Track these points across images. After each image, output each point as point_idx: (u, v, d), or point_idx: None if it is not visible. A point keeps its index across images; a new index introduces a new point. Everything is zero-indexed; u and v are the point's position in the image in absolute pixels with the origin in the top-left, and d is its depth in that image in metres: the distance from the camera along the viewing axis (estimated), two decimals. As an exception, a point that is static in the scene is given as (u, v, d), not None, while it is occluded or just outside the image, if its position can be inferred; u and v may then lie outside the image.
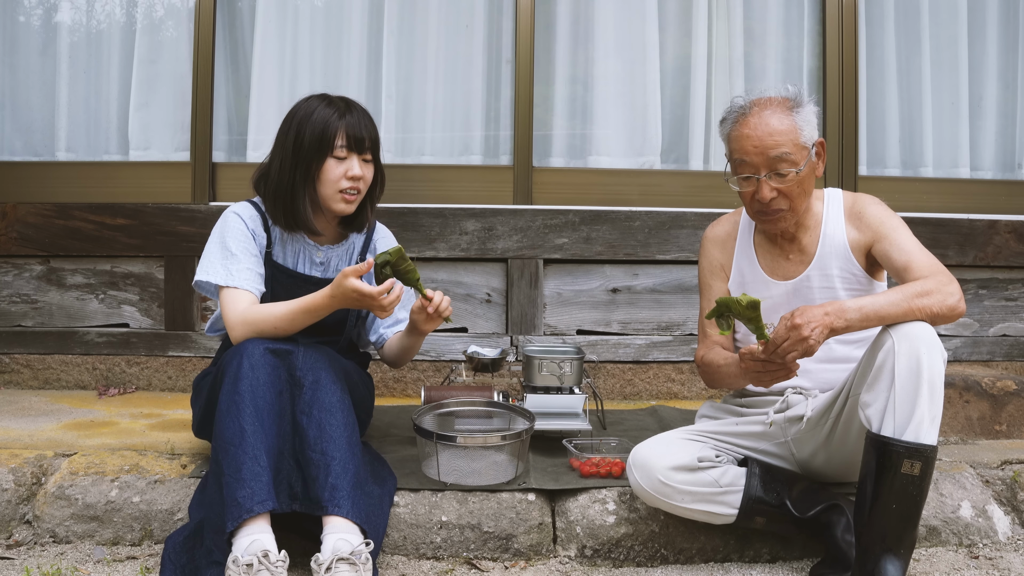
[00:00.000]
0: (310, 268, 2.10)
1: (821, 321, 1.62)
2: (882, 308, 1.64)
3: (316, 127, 1.95)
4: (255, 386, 1.75)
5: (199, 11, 3.02)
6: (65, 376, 3.00)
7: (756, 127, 1.80)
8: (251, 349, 1.79)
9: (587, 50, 3.20)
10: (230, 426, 1.70)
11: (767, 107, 1.81)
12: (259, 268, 1.99)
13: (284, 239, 2.07)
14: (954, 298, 1.66)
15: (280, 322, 1.88)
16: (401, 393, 3.01)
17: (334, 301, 1.84)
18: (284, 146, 1.99)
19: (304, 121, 1.96)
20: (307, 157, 1.96)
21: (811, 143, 1.82)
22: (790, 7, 3.22)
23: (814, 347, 1.63)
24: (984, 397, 2.58)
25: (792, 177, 1.80)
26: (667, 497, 1.79)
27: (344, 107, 2.00)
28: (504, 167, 3.12)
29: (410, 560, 1.88)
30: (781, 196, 1.82)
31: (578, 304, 3.06)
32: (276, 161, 2.00)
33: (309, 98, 2.03)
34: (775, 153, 1.78)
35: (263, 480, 1.66)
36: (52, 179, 3.08)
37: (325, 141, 1.95)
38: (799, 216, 1.89)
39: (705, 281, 2.07)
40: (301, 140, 1.96)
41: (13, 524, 1.99)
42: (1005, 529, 2.03)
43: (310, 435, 1.74)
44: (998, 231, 3.11)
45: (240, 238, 1.99)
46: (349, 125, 1.97)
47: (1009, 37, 3.30)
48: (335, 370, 1.87)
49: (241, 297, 1.92)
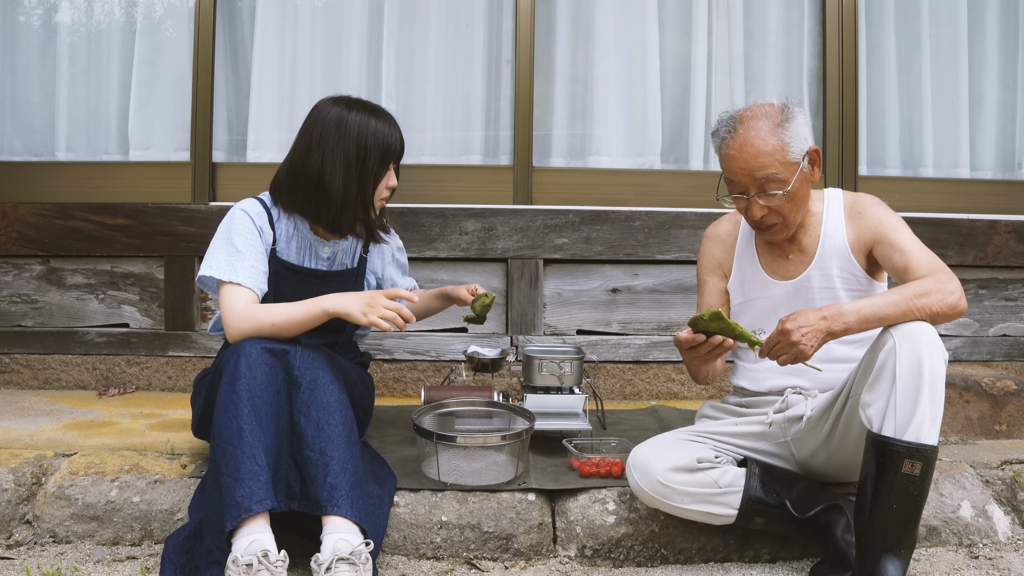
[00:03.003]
0: (316, 262, 2.11)
1: (816, 326, 1.63)
2: (880, 309, 1.65)
3: (380, 142, 2.00)
4: (252, 385, 1.75)
5: (199, 11, 3.02)
6: (65, 376, 3.00)
7: (742, 148, 1.79)
8: (248, 348, 1.80)
9: (587, 50, 3.20)
10: (228, 426, 1.71)
11: (752, 125, 1.79)
12: (263, 266, 1.99)
13: (290, 236, 2.08)
14: (954, 296, 1.66)
15: (279, 320, 1.88)
16: (401, 393, 3.01)
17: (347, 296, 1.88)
18: (339, 153, 1.98)
19: (363, 132, 1.99)
20: (372, 170, 2.00)
21: (801, 155, 1.81)
22: (790, 7, 3.22)
23: (805, 352, 1.64)
24: (984, 397, 2.58)
25: (780, 196, 1.81)
26: (666, 498, 1.79)
27: (392, 120, 2.06)
28: (504, 167, 3.12)
29: (410, 560, 1.88)
30: (772, 212, 1.84)
31: (578, 304, 3.06)
32: (327, 168, 1.97)
33: (349, 105, 2.02)
34: (761, 175, 1.79)
35: (261, 479, 1.66)
36: (52, 179, 3.08)
37: (388, 156, 2.03)
38: (795, 226, 1.89)
39: (701, 277, 2.10)
40: (365, 152, 1.98)
41: (13, 524, 1.99)
42: (1005, 529, 2.03)
43: (308, 435, 1.74)
44: (998, 231, 3.11)
45: (247, 235, 1.99)
46: (399, 140, 2.06)
47: (1009, 37, 3.30)
48: (333, 370, 1.87)
49: (241, 294, 1.92)
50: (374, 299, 1.86)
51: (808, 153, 1.83)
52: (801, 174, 1.82)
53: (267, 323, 1.87)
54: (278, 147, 3.12)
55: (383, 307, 1.84)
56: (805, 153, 1.82)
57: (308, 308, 1.87)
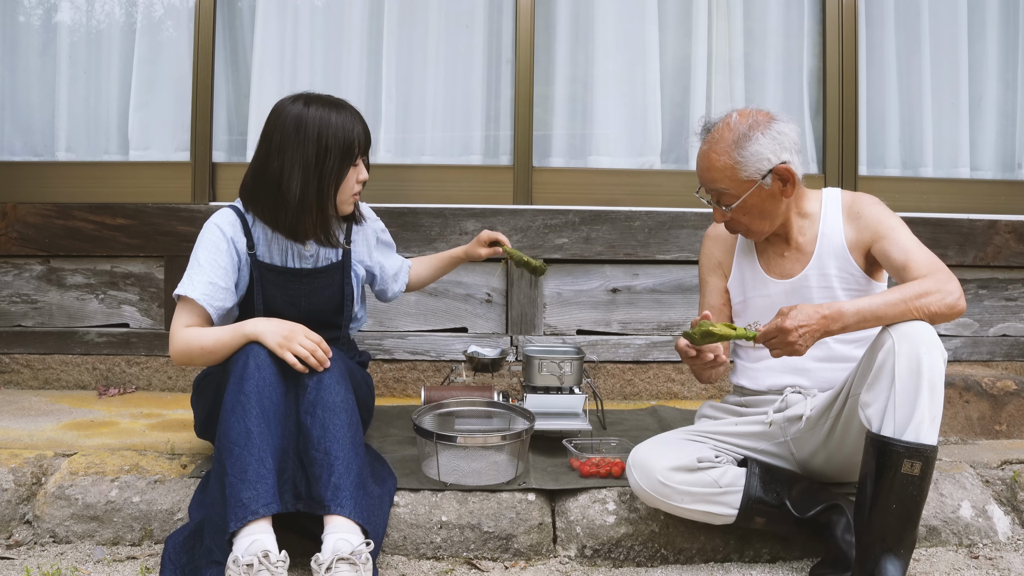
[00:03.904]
0: (299, 262, 2.07)
1: (814, 324, 1.63)
2: (879, 309, 1.65)
3: (339, 138, 1.93)
4: (261, 387, 1.75)
5: (199, 11, 3.02)
6: (65, 376, 3.00)
7: (701, 159, 1.89)
8: (257, 350, 1.80)
9: (587, 50, 3.20)
10: (235, 427, 1.70)
11: (713, 139, 1.86)
12: (225, 281, 1.94)
13: (269, 239, 2.03)
14: (953, 296, 1.66)
15: (208, 344, 1.86)
16: (401, 393, 3.01)
17: (270, 324, 1.84)
18: (297, 157, 1.92)
19: (324, 131, 1.92)
20: (333, 170, 1.94)
21: (759, 174, 1.83)
22: (790, 7, 3.22)
23: (800, 350, 1.64)
24: (984, 397, 2.58)
25: (736, 207, 1.86)
26: (667, 498, 1.79)
27: (354, 113, 1.99)
28: (504, 167, 3.12)
29: (410, 560, 1.88)
30: (733, 220, 1.90)
31: (578, 304, 3.06)
32: (286, 174, 1.92)
33: (308, 102, 1.95)
34: (713, 187, 1.89)
35: (268, 482, 1.67)
36: (52, 179, 3.08)
37: (349, 152, 1.95)
38: (764, 233, 1.92)
39: (703, 277, 2.14)
40: (325, 152, 1.92)
41: (13, 524, 1.99)
42: (1005, 529, 2.03)
43: (314, 435, 1.75)
44: (998, 231, 3.11)
45: (210, 249, 1.95)
46: (363, 132, 1.99)
47: (1009, 37, 3.30)
48: (339, 370, 1.87)
49: (186, 315, 1.90)
50: (293, 332, 1.82)
51: (775, 171, 1.83)
52: (759, 191, 1.84)
53: (197, 347, 1.86)
54: (278, 147, 3.12)
55: (299, 343, 1.80)
56: (768, 171, 1.83)
57: (232, 332, 1.85)
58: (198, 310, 1.91)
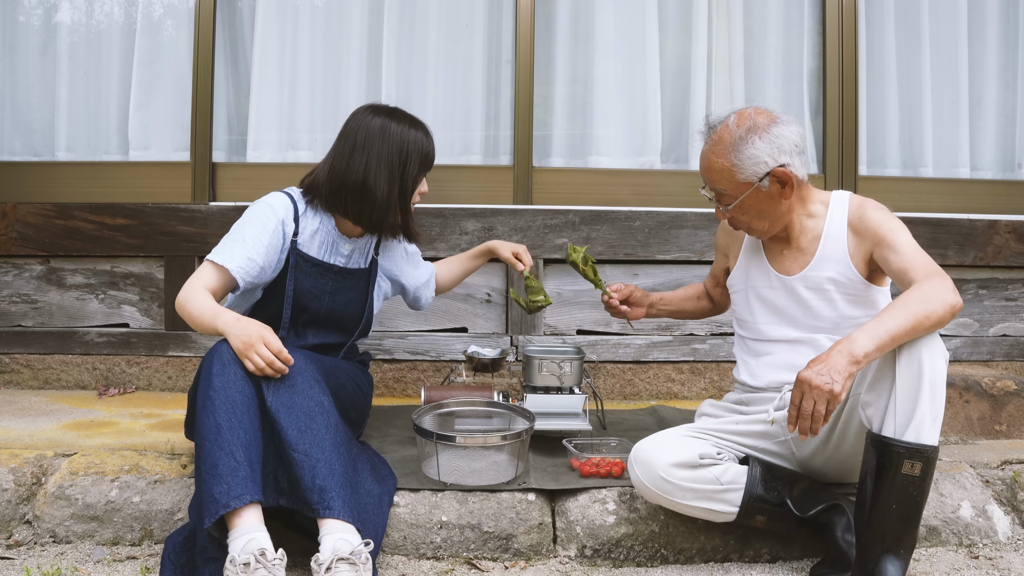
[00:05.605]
0: (335, 258, 2.17)
1: (845, 371, 1.57)
2: (891, 330, 1.60)
3: (419, 147, 2.12)
4: (227, 383, 1.76)
5: (199, 11, 3.02)
6: (65, 376, 3.00)
7: (702, 158, 1.92)
8: (223, 348, 1.82)
9: (587, 50, 3.20)
10: (206, 422, 1.73)
11: (714, 139, 1.89)
12: (262, 260, 2.02)
13: (314, 231, 2.13)
14: (951, 296, 1.65)
15: (194, 313, 1.89)
16: (401, 393, 3.01)
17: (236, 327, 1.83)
18: (383, 157, 2.07)
19: (405, 139, 2.10)
20: (412, 175, 2.12)
21: (756, 177, 1.84)
22: (790, 7, 3.22)
23: (839, 396, 1.56)
24: (984, 397, 2.58)
25: (734, 207, 1.89)
26: (668, 494, 1.79)
27: (428, 131, 2.17)
28: (504, 167, 3.12)
29: (410, 560, 1.88)
30: (734, 218, 1.93)
31: (578, 304, 3.06)
32: (372, 171, 2.07)
33: (390, 114, 2.12)
34: (712, 187, 1.92)
35: (240, 475, 1.67)
36: (52, 179, 3.08)
37: (426, 164, 2.16)
38: (766, 233, 1.93)
39: (716, 250, 2.28)
40: (406, 161, 2.10)
41: (13, 524, 1.99)
42: (1005, 529, 2.03)
43: (290, 435, 1.74)
44: (998, 231, 3.11)
45: (258, 227, 2.03)
46: (434, 151, 2.18)
47: (1009, 37, 3.31)
48: (313, 371, 1.88)
49: (208, 275, 1.96)
50: (254, 340, 1.80)
51: (773, 173, 1.83)
52: (757, 192, 1.85)
53: (188, 308, 1.90)
54: (278, 147, 3.12)
55: (256, 352, 1.79)
56: (766, 174, 1.83)
57: (212, 316, 1.87)
58: (224, 279, 1.97)
